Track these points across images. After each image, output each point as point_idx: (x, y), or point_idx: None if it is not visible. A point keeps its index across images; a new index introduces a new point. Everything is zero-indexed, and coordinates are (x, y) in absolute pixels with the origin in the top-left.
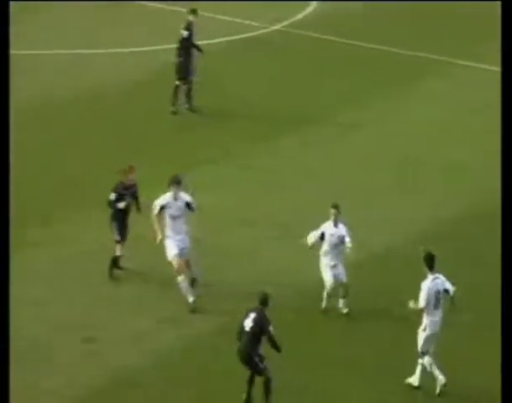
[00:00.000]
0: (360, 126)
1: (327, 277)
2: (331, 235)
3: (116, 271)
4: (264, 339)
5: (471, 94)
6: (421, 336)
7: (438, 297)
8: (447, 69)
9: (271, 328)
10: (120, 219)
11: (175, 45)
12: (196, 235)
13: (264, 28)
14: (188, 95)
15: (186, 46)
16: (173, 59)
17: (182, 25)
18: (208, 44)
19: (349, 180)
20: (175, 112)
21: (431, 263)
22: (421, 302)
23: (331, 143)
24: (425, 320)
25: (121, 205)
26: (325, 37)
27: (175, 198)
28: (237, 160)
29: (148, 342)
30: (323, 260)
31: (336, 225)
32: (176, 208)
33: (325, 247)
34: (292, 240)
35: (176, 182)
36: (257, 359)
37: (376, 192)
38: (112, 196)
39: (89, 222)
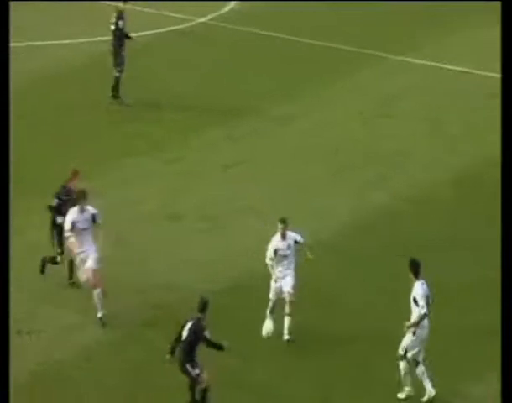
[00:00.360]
0: (290, 118)
1: (286, 286)
2: (280, 249)
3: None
4: (200, 346)
5: (398, 86)
6: (409, 338)
7: (428, 302)
8: (376, 62)
9: (207, 333)
10: (60, 231)
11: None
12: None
13: (191, 21)
14: (117, 83)
15: (119, 36)
16: (108, 49)
17: (113, 15)
18: (137, 36)
19: (278, 172)
20: (115, 98)
21: (416, 269)
22: (424, 308)
23: (260, 135)
24: (416, 321)
25: (59, 220)
26: (253, 30)
27: (82, 211)
28: (165, 153)
29: (76, 337)
30: (277, 271)
31: (284, 238)
32: (83, 221)
33: (278, 258)
34: (220, 231)
35: (83, 196)
36: (189, 367)
37: (305, 184)
38: (54, 202)
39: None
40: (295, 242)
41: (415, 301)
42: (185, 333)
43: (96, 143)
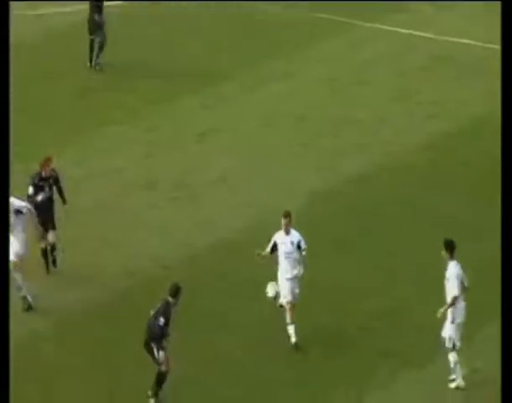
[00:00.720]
0: (261, 85)
1: (285, 291)
2: (282, 243)
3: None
4: (168, 330)
5: (369, 53)
6: (450, 328)
7: (463, 283)
8: (347, 30)
9: (162, 319)
10: (43, 212)
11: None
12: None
13: None
14: (92, 51)
15: (96, 4)
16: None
17: None
18: (107, 6)
19: (250, 141)
20: (91, 67)
21: (452, 249)
22: (456, 290)
23: (232, 103)
24: (453, 309)
25: (39, 197)
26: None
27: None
28: (140, 122)
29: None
30: (279, 273)
31: (288, 233)
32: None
33: (279, 258)
34: (193, 200)
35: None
36: (153, 346)
37: (277, 151)
38: (30, 190)
39: None
40: (299, 247)
41: (452, 281)
42: (152, 312)
43: (72, 112)
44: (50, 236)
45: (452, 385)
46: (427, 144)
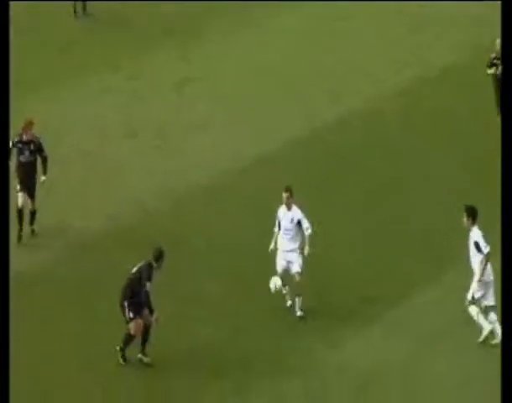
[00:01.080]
0: (238, 33)
1: (277, 265)
2: (283, 218)
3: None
4: (145, 294)
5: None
6: (475, 284)
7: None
8: None
9: (148, 285)
10: (23, 175)
11: None
12: None
13: None
14: None
15: None
16: None
17: None
18: None
19: (230, 89)
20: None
21: (475, 215)
22: (486, 248)
23: (209, 55)
24: (481, 269)
25: (20, 158)
26: None
27: None
28: (121, 72)
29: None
30: (279, 247)
31: (289, 209)
32: None
33: (280, 231)
34: (174, 147)
35: None
36: (126, 305)
37: (256, 100)
38: (9, 144)
39: None
40: (299, 224)
41: (477, 246)
42: (133, 270)
43: (55, 62)
44: (30, 204)
45: (480, 339)
46: (399, 92)
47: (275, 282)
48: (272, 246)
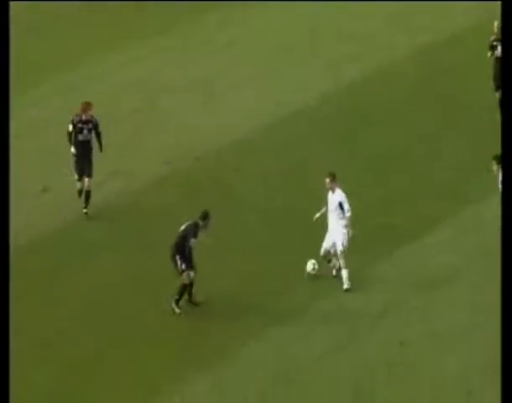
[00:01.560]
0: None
1: (324, 241)
2: (329, 201)
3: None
4: (189, 250)
5: None
6: None
7: None
8: None
9: (192, 241)
10: (80, 154)
11: None
12: None
13: None
14: None
15: None
16: None
17: None
18: None
19: (265, 50)
20: None
21: (499, 161)
22: None
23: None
24: None
25: (79, 137)
26: None
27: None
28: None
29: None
30: (328, 225)
31: (333, 192)
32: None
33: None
34: (218, 102)
35: None
36: (178, 259)
37: (281, 58)
38: (70, 127)
39: None
40: (341, 206)
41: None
42: (181, 228)
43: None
44: (86, 183)
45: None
46: (414, 56)
47: (313, 264)
48: (317, 215)
